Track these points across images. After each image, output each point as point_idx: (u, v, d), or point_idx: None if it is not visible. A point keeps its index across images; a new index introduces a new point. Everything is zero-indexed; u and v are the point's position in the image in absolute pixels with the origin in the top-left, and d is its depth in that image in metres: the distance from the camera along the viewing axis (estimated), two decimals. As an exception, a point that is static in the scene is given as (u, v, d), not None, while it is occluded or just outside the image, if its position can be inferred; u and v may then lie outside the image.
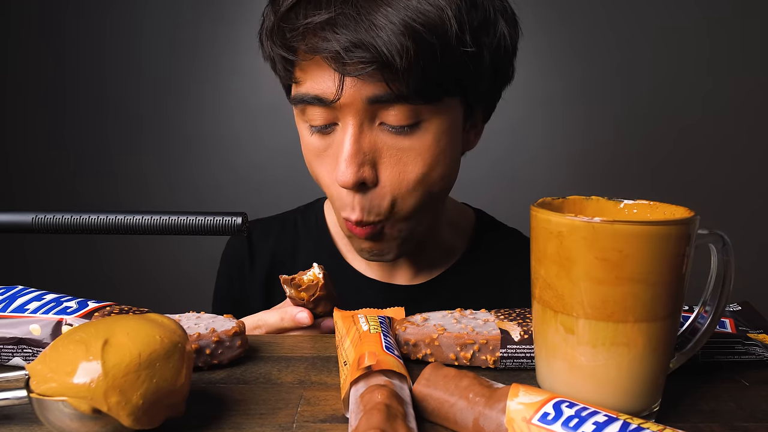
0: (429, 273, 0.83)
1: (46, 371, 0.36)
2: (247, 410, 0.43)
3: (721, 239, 0.42)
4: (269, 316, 0.63)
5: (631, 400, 0.40)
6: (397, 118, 0.63)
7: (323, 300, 0.60)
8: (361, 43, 0.58)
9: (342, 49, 0.58)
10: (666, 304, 0.39)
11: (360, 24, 0.58)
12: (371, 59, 0.58)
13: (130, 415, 0.36)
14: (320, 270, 0.60)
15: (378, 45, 0.58)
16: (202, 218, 0.48)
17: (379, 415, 0.36)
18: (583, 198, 0.47)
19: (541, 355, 0.43)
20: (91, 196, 2.46)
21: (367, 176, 0.64)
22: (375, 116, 0.64)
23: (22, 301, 0.52)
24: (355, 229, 0.68)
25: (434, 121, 0.65)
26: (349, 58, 0.58)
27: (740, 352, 0.51)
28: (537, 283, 0.42)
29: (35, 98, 2.45)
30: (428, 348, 0.51)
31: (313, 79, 0.63)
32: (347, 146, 0.63)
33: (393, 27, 0.58)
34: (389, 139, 0.64)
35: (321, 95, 0.63)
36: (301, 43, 0.61)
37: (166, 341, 0.38)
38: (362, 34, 0.58)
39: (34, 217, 0.48)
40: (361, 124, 0.64)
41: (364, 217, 0.66)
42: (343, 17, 0.58)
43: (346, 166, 0.63)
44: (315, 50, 0.60)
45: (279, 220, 0.91)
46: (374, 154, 0.65)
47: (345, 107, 0.63)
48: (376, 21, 0.58)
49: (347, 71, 0.60)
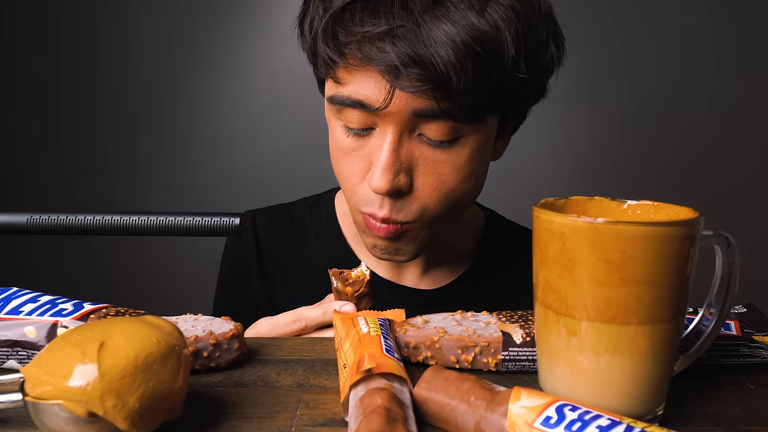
0: (438, 275, 0.83)
1: (41, 374, 0.36)
2: (245, 414, 0.43)
3: (726, 240, 0.42)
4: (310, 311, 0.63)
5: (635, 403, 0.40)
6: (438, 132, 0.63)
7: (366, 297, 0.61)
8: (419, 59, 0.57)
9: (400, 63, 0.57)
10: (670, 306, 0.39)
11: (419, 37, 0.57)
12: (428, 77, 0.57)
13: (127, 419, 0.35)
14: (367, 268, 0.62)
15: (437, 63, 0.56)
16: (199, 219, 0.47)
17: (379, 418, 0.36)
18: (586, 198, 0.47)
19: (543, 358, 0.43)
20: (87, 197, 2.45)
21: (402, 184, 0.64)
22: (415, 127, 0.63)
23: (16, 303, 0.52)
24: (376, 226, 0.67)
25: (472, 137, 0.65)
26: (405, 72, 0.57)
27: (745, 355, 0.51)
28: (539, 284, 0.42)
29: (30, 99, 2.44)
30: (429, 351, 0.50)
31: (358, 83, 0.62)
32: (385, 154, 0.63)
33: (453, 45, 0.56)
34: (427, 150, 0.64)
35: (365, 101, 0.62)
36: (356, 50, 0.60)
37: (163, 344, 0.38)
38: (421, 48, 0.57)
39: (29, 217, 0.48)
40: (401, 133, 0.63)
41: (392, 215, 0.66)
42: (402, 29, 0.57)
43: (381, 174, 0.63)
44: (370, 60, 0.59)
45: (286, 213, 0.90)
46: (410, 163, 0.64)
47: (388, 116, 0.62)
48: (435, 36, 0.57)
49: (401, 85, 0.58)
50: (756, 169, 2.33)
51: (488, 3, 0.59)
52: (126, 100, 2.43)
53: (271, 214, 0.90)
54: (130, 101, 2.43)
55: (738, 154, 2.33)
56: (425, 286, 0.83)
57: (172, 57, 2.40)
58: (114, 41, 2.40)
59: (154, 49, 2.40)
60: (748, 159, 2.33)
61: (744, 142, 2.32)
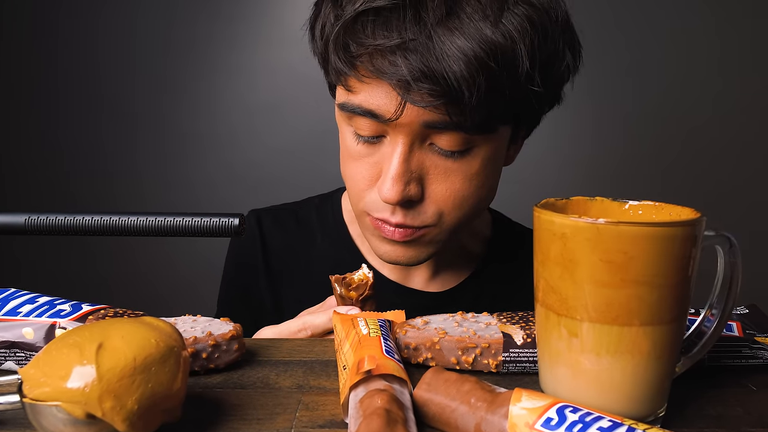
0: (446, 277, 0.83)
1: (39, 375, 0.35)
2: (244, 415, 0.43)
3: (728, 241, 0.42)
4: (316, 318, 0.62)
5: (636, 405, 0.40)
6: (449, 143, 0.62)
7: (370, 299, 0.61)
8: (431, 73, 0.56)
9: (412, 78, 0.56)
10: (672, 307, 0.39)
11: (431, 51, 0.56)
12: (440, 92, 0.57)
13: (125, 421, 0.35)
14: (369, 270, 0.61)
15: (449, 77, 0.56)
16: (198, 219, 0.47)
17: (379, 420, 0.36)
18: (587, 199, 0.46)
19: (544, 359, 0.43)
20: (85, 197, 2.44)
21: (413, 194, 0.64)
22: (426, 137, 0.63)
23: (14, 304, 0.51)
24: (389, 230, 0.66)
25: (484, 147, 0.64)
26: (417, 87, 0.57)
27: (747, 356, 0.50)
28: (540, 285, 0.42)
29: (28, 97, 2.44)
30: (429, 352, 0.50)
31: (369, 93, 0.61)
32: (395, 164, 0.62)
33: (465, 59, 0.56)
34: (438, 160, 0.64)
35: (376, 111, 0.61)
36: (367, 63, 0.59)
37: (161, 345, 0.38)
38: (433, 63, 0.56)
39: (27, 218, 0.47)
40: (411, 143, 0.62)
41: (407, 221, 0.65)
42: (414, 43, 0.56)
43: (392, 184, 0.62)
44: (381, 74, 0.58)
45: (291, 213, 0.89)
46: (421, 172, 0.64)
47: (399, 126, 0.61)
48: (448, 50, 0.56)
49: (412, 99, 0.58)
50: (759, 170, 2.33)
51: (503, 13, 0.58)
52: (125, 99, 2.43)
53: (276, 214, 0.89)
54: (128, 100, 2.42)
55: (741, 154, 2.33)
56: (433, 288, 0.82)
57: (172, 55, 2.40)
58: (113, 39, 2.40)
59: (153, 47, 2.39)
60: (750, 159, 2.33)
61: (747, 142, 2.32)
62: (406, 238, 0.66)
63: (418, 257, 0.70)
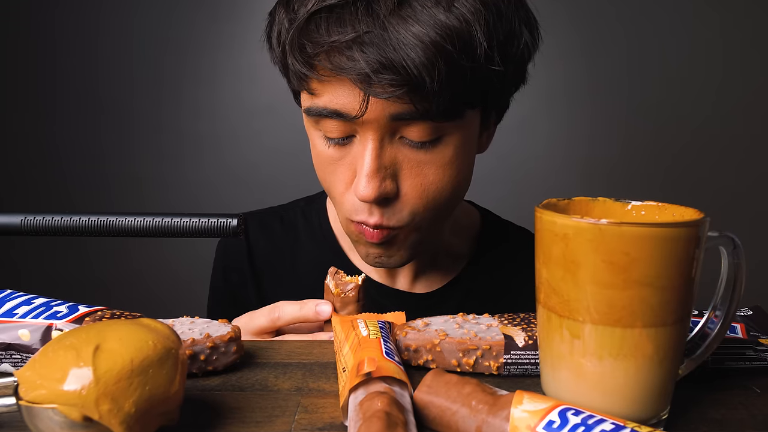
0: (433, 277, 0.83)
1: (35, 378, 0.35)
2: (242, 418, 0.42)
3: (732, 242, 0.42)
4: (288, 306, 0.62)
5: (639, 407, 0.40)
6: (419, 134, 0.62)
7: (352, 304, 0.60)
8: (390, 64, 0.56)
9: (371, 71, 0.56)
10: (675, 309, 0.38)
11: (387, 42, 0.56)
12: (401, 82, 0.56)
13: (122, 423, 0.35)
14: (364, 279, 0.61)
15: (408, 65, 0.56)
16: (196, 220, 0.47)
17: (379, 423, 0.36)
18: (589, 199, 0.46)
19: (546, 361, 0.42)
20: (82, 197, 2.44)
21: (388, 190, 0.64)
22: (396, 131, 0.62)
23: (10, 306, 0.51)
24: (368, 233, 0.67)
25: (455, 135, 0.64)
26: (378, 79, 0.56)
27: (751, 358, 0.50)
28: (542, 287, 0.41)
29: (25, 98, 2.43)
30: (430, 354, 0.50)
31: (332, 93, 0.61)
32: (368, 162, 0.62)
33: (422, 46, 0.56)
34: (410, 152, 0.64)
35: (342, 110, 0.61)
36: (325, 61, 0.59)
37: (159, 347, 0.37)
38: (390, 53, 0.56)
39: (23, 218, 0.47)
40: (381, 139, 0.62)
41: (384, 221, 0.65)
42: (369, 35, 0.56)
43: (367, 182, 0.62)
44: (340, 69, 0.58)
45: (277, 216, 0.89)
46: (394, 168, 0.64)
47: (366, 123, 0.61)
48: (404, 39, 0.56)
49: (375, 92, 0.58)
50: (762, 170, 2.33)
51: None
52: (123, 99, 2.42)
53: (261, 217, 0.89)
54: (127, 100, 2.42)
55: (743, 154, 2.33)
56: (420, 289, 0.83)
57: (170, 56, 2.40)
58: (111, 40, 2.39)
59: (152, 47, 2.39)
60: (753, 159, 2.33)
61: (749, 142, 2.32)
62: (383, 239, 0.67)
63: (401, 259, 0.71)
